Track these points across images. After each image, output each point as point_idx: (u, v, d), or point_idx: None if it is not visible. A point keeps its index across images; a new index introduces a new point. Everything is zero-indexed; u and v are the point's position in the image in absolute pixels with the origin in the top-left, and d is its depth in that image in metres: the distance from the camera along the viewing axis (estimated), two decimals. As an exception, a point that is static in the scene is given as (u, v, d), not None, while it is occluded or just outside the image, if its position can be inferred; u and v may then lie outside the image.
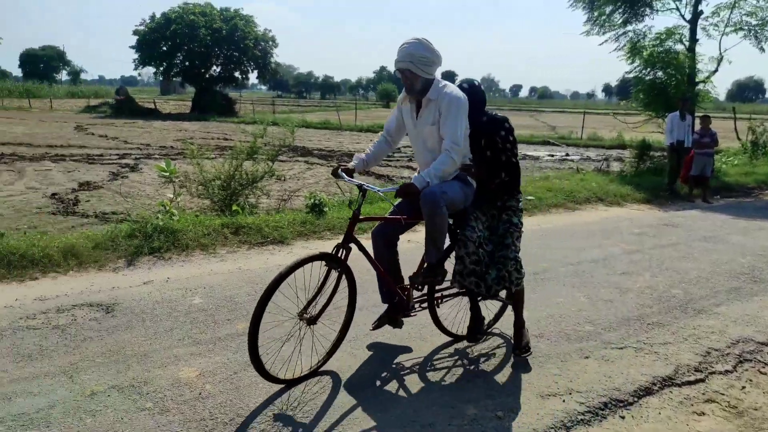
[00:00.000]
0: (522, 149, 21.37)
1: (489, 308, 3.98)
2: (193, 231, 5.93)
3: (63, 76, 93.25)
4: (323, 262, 3.18)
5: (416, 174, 3.38)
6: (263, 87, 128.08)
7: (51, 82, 73.30)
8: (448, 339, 3.83)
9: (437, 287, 3.64)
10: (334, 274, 3.22)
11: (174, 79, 46.54)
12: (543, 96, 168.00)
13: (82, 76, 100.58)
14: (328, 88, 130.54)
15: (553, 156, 19.78)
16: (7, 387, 3.05)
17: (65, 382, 3.12)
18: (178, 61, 40.56)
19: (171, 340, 3.67)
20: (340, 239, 3.27)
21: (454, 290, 3.69)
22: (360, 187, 3.30)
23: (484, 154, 3.45)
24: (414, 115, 3.39)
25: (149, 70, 44.31)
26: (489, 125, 3.44)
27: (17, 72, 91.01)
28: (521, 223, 3.54)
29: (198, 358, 3.43)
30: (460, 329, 3.84)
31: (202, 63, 40.34)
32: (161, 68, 41.35)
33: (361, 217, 3.30)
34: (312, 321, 3.22)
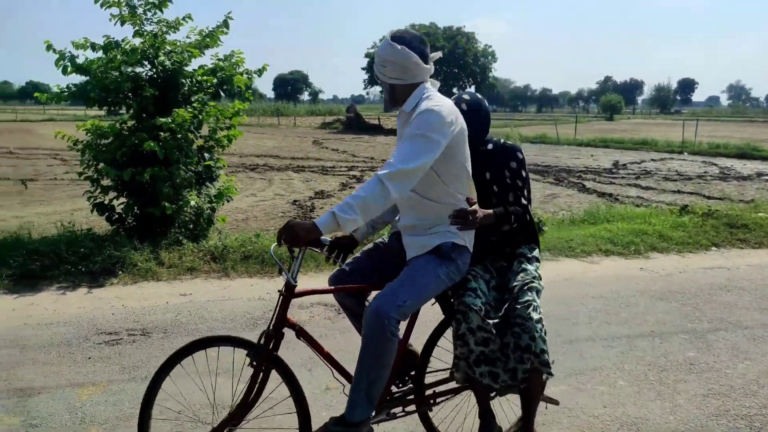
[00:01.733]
0: (783, 168, 18.00)
1: (510, 403, 2.88)
2: (415, 242, 6.14)
3: (305, 96, 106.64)
4: (244, 353, 2.21)
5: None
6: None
7: (295, 102, 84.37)
8: None
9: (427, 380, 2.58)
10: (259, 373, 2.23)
11: (397, 96, 49.76)
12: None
13: (320, 96, 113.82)
14: (546, 100, 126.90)
15: (827, 177, 16.23)
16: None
17: (305, 374, 3.44)
18: (402, 80, 43.39)
19: (395, 347, 3.81)
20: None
21: (453, 384, 2.61)
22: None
23: (490, 189, 2.59)
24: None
25: (376, 89, 48.05)
26: (497, 155, 2.60)
27: (270, 94, 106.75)
28: (539, 276, 2.53)
29: (420, 370, 3.49)
30: None
31: (423, 80, 42.50)
32: (387, 87, 44.64)
33: (298, 290, 2.22)
34: None
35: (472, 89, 37.24)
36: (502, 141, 2.67)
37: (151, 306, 4.60)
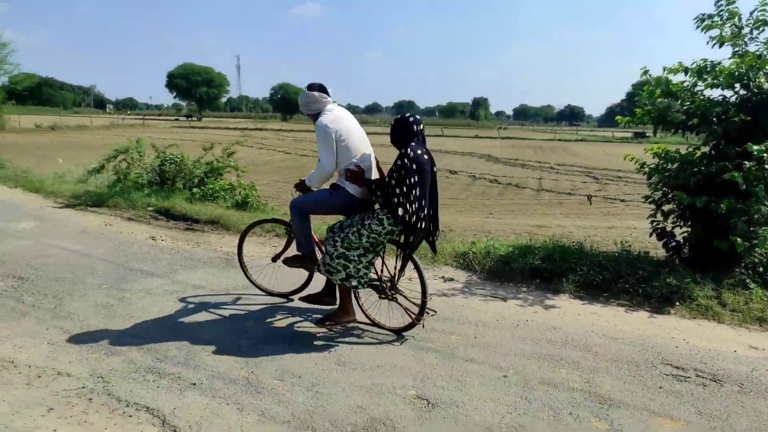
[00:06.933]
0: None
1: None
2: None
3: None
4: None
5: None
6: None
7: None
8: None
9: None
10: None
11: None
12: None
13: None
14: None
15: None
16: None
17: None
18: None
19: None
20: None
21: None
22: None
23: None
24: None
25: None
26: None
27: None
28: (372, 230, 4.05)
29: None
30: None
31: None
32: None
33: None
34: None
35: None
36: (408, 147, 4.01)
37: (717, 350, 4.18)
